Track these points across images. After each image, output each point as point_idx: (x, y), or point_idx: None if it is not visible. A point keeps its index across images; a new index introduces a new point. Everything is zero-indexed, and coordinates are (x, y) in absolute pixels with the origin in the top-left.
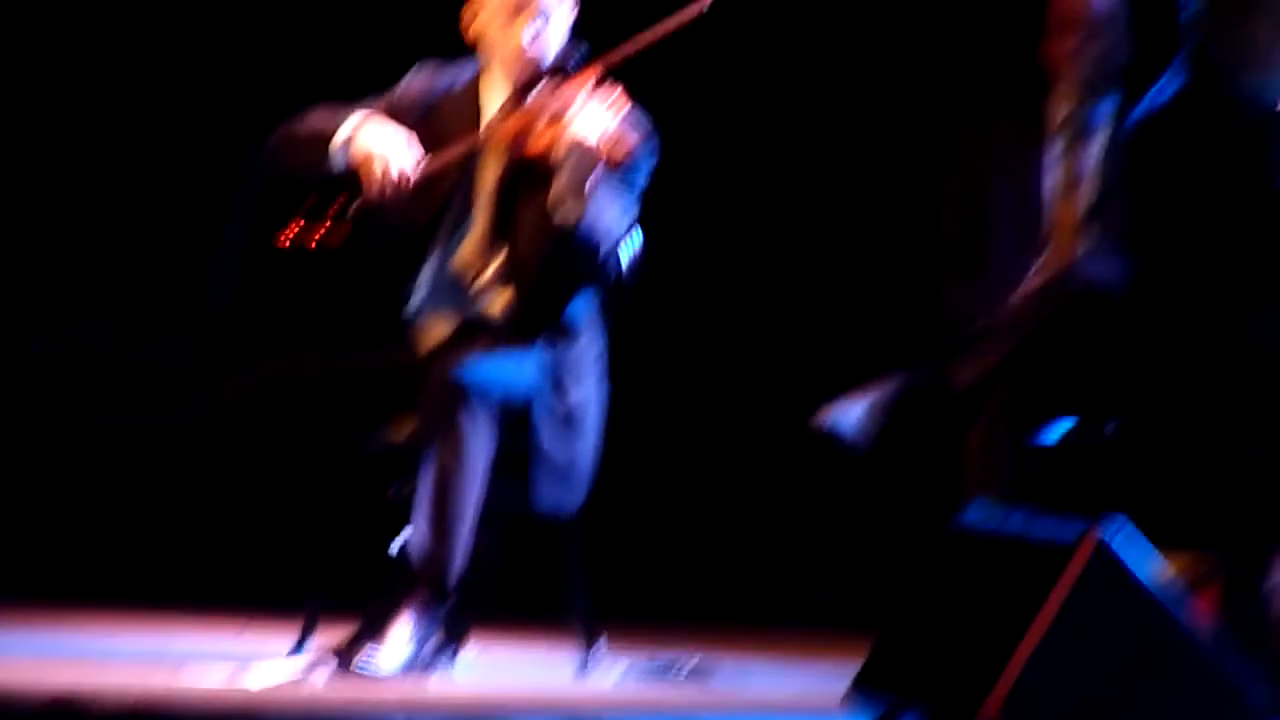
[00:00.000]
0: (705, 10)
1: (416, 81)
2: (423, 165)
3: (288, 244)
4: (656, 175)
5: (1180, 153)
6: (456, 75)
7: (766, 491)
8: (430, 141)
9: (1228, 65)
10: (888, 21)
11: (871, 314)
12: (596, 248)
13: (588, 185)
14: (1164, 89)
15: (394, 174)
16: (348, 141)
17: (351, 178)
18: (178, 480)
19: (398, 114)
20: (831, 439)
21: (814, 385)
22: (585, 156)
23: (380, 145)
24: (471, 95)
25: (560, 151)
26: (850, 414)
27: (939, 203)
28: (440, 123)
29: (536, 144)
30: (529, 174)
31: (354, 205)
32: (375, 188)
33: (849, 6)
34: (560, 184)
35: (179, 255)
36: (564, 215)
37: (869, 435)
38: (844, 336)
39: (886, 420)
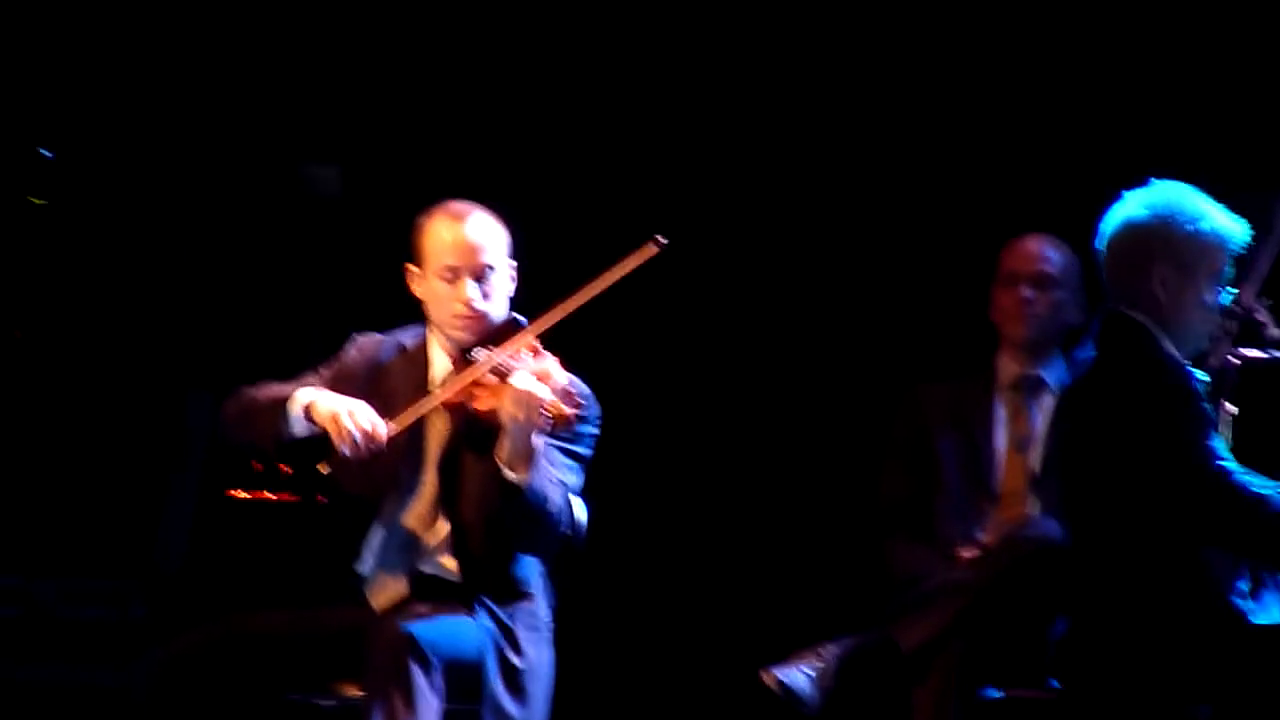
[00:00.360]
0: (654, 255)
1: (358, 350)
2: (387, 424)
3: (243, 496)
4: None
5: (1098, 416)
6: (399, 339)
7: None
8: (378, 407)
9: (1136, 324)
10: (838, 274)
11: (820, 572)
12: (543, 510)
13: (534, 447)
14: (1084, 350)
15: (366, 425)
16: (308, 407)
17: (308, 443)
18: None
19: (340, 384)
20: (782, 698)
21: (763, 645)
22: (530, 419)
23: (345, 404)
24: (417, 357)
25: (505, 414)
26: (800, 673)
27: (884, 459)
28: (387, 385)
29: (481, 405)
30: (475, 436)
31: (325, 462)
32: (348, 442)
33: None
34: (505, 446)
35: (130, 509)
36: (511, 478)
37: (820, 695)
38: (794, 595)
39: (836, 680)
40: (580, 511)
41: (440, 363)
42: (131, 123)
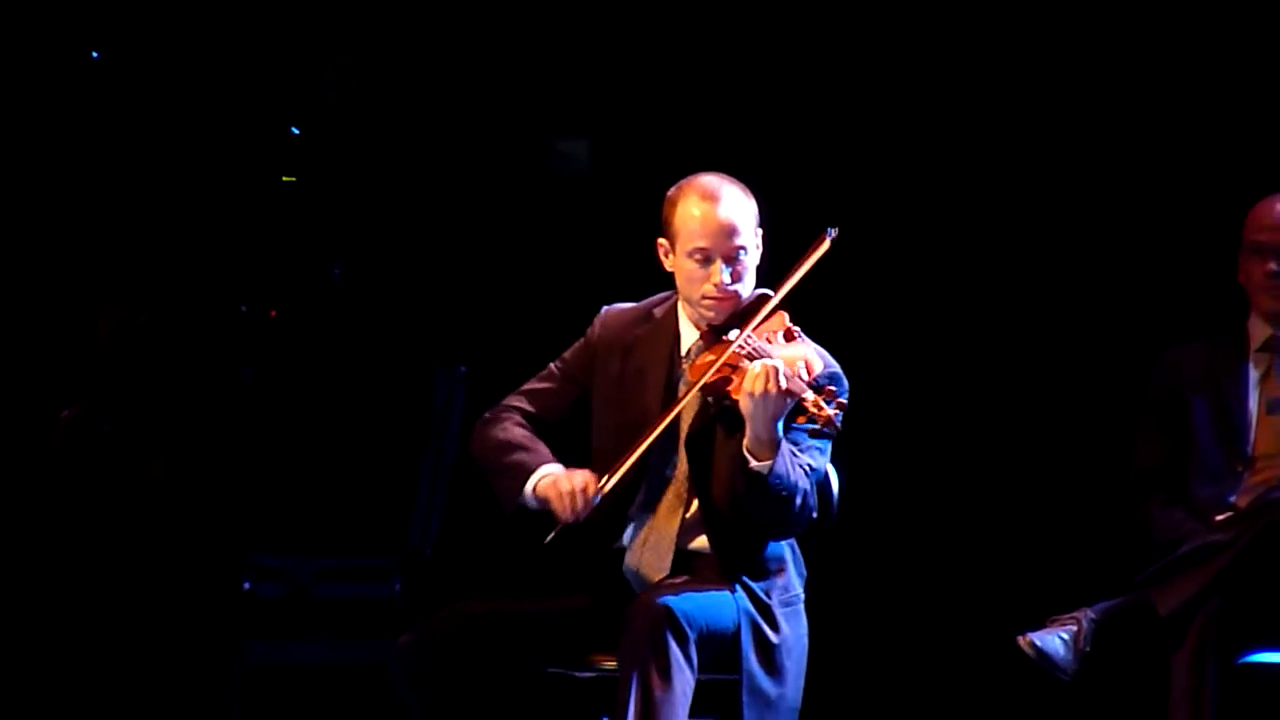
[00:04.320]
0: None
1: (603, 326)
2: (600, 482)
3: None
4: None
5: None
6: (649, 308)
7: (970, 713)
8: (629, 381)
9: None
10: (1078, 243)
11: (1076, 537)
12: (787, 497)
13: (777, 435)
14: None
15: (580, 504)
16: (532, 489)
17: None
18: (375, 716)
19: (588, 365)
20: (1037, 664)
21: (1016, 607)
22: (770, 407)
23: (560, 482)
24: (666, 327)
25: (748, 401)
26: (1056, 638)
27: (1140, 423)
28: (636, 359)
29: (731, 387)
30: (724, 417)
31: (551, 535)
32: (568, 511)
33: (1047, 219)
34: (749, 433)
35: (387, 488)
36: (754, 466)
37: (1076, 660)
38: (1050, 560)
39: (1092, 645)
40: (834, 484)
41: (689, 334)
42: (384, 97)
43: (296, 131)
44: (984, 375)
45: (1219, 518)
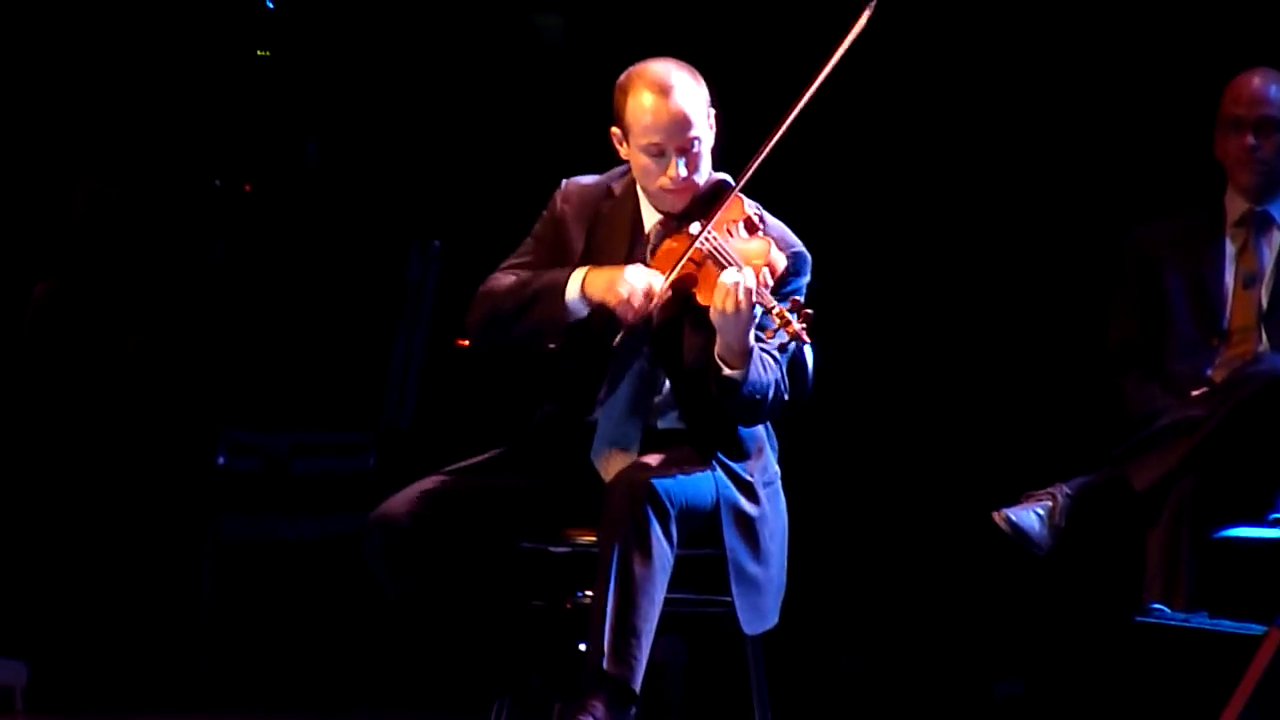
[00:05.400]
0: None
1: (564, 199)
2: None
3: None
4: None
5: None
6: (608, 183)
7: (945, 589)
8: (594, 255)
9: None
10: (1056, 115)
11: (1048, 411)
12: (761, 397)
13: (748, 345)
14: None
15: (642, 284)
16: (581, 286)
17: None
18: (349, 589)
19: (556, 239)
20: (1012, 539)
21: (991, 483)
22: (744, 317)
23: (614, 285)
24: (626, 203)
25: (718, 313)
26: (1031, 514)
27: (1113, 298)
28: (600, 231)
29: (700, 297)
30: (690, 312)
31: (619, 337)
32: (631, 312)
33: (1015, 98)
34: (720, 343)
35: (361, 362)
36: (727, 374)
37: (1051, 535)
38: (1021, 434)
39: (1067, 520)
40: (809, 360)
41: (650, 215)
42: None
43: (271, 5)
44: (957, 249)
45: (1195, 393)
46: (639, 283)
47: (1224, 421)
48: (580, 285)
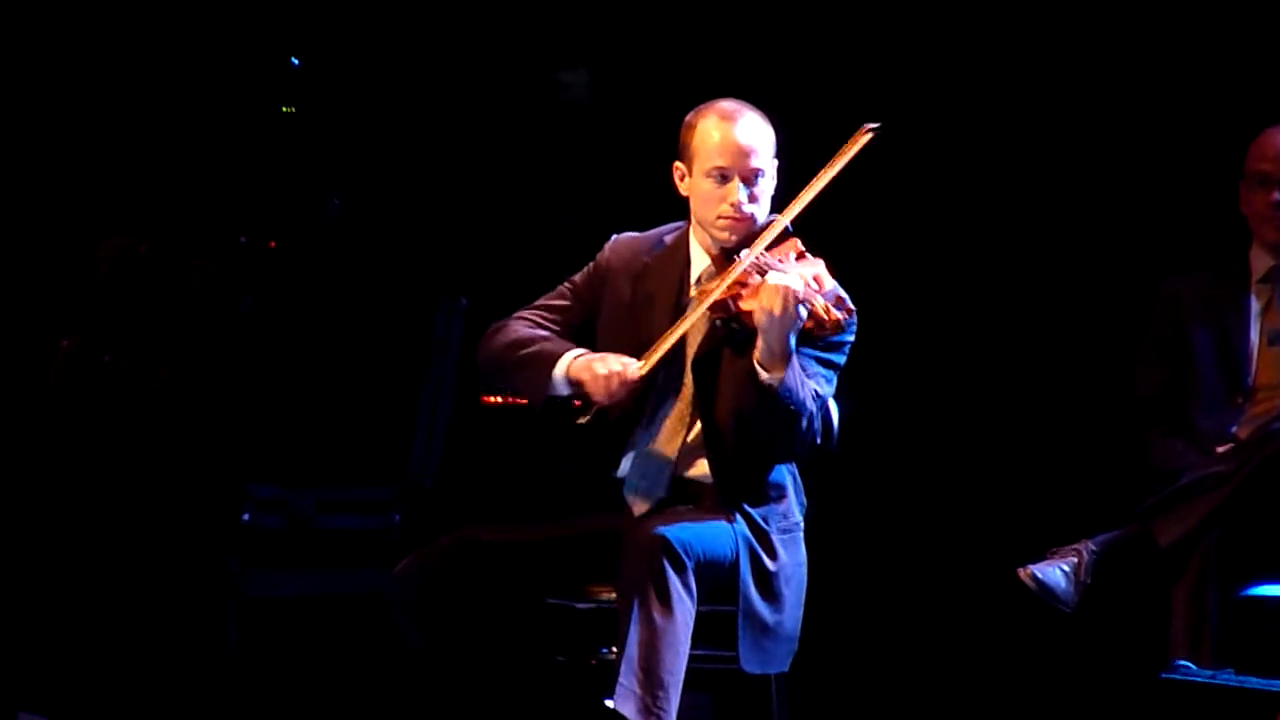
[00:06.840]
0: (872, 136)
1: (613, 251)
2: (637, 366)
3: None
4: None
5: None
6: (660, 235)
7: (971, 646)
8: (639, 308)
9: None
10: (1086, 171)
11: (1077, 468)
12: (795, 413)
13: (789, 348)
14: None
15: (616, 385)
16: (565, 369)
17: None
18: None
19: (598, 288)
20: (1038, 596)
21: (1016, 539)
22: (787, 317)
23: (595, 365)
24: (677, 255)
25: (761, 311)
26: (1057, 570)
27: (1141, 351)
28: (646, 284)
29: (744, 304)
30: (731, 340)
31: (587, 416)
32: (603, 394)
33: (1045, 156)
34: (760, 346)
35: (386, 418)
36: (764, 378)
37: (1076, 592)
38: (1050, 492)
39: (1093, 577)
40: (834, 414)
41: (700, 261)
42: (378, 28)
43: (296, 63)
44: (985, 305)
45: (1220, 449)
46: (617, 366)
47: (1249, 478)
48: (567, 365)
